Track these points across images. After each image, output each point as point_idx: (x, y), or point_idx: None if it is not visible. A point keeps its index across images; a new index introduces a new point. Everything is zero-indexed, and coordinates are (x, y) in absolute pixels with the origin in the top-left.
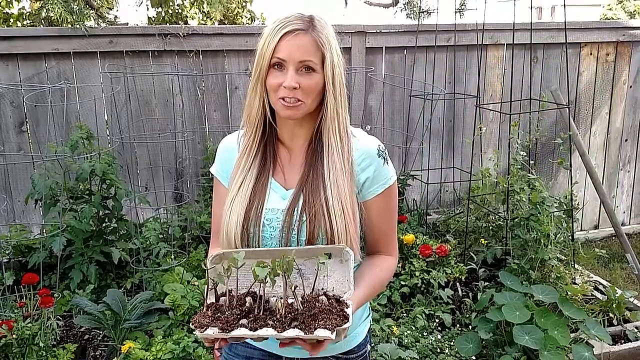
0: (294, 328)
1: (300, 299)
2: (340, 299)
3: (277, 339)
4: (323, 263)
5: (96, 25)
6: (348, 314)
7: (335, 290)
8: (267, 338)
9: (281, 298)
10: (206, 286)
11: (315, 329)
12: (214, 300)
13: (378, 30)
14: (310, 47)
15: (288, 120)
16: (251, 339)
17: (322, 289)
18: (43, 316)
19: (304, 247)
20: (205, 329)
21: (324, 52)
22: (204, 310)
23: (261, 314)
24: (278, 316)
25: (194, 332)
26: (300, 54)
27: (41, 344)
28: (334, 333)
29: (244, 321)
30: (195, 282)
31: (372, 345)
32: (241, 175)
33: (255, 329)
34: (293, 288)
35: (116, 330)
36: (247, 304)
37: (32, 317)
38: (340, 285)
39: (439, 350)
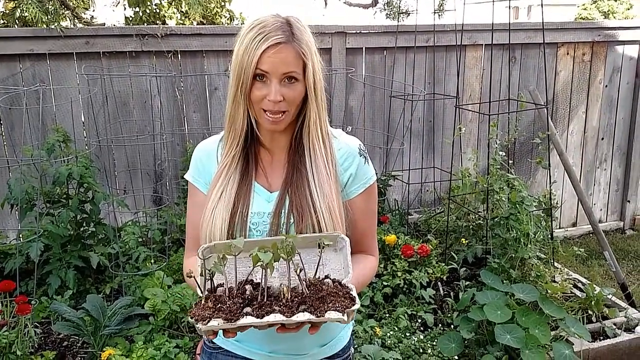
0: (302, 312)
1: (305, 283)
2: (342, 283)
3: (287, 325)
4: (325, 246)
5: (72, 26)
6: (354, 296)
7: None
8: (273, 325)
9: (282, 284)
10: (202, 278)
11: (325, 311)
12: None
13: (358, 31)
14: (292, 58)
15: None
16: (257, 327)
17: (319, 277)
18: (20, 324)
19: (299, 236)
20: (208, 321)
21: (305, 61)
22: (203, 302)
23: (265, 300)
24: (284, 301)
25: (197, 326)
26: (283, 67)
27: (18, 353)
28: (345, 315)
29: (248, 309)
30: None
31: (355, 346)
32: (223, 182)
33: (262, 316)
34: (298, 271)
35: (96, 337)
36: (248, 292)
37: (9, 325)
38: (337, 273)
39: (421, 350)
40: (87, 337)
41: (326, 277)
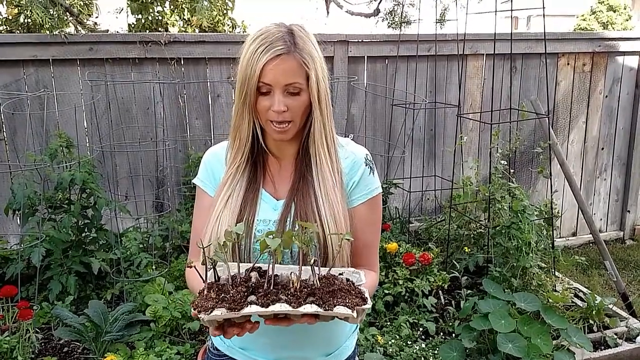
0: (310, 304)
1: (317, 275)
2: (355, 284)
3: (292, 317)
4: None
5: (76, 32)
6: (367, 297)
7: None
8: (279, 316)
9: (292, 272)
10: (204, 267)
11: (335, 306)
12: (213, 281)
13: (360, 40)
14: (294, 69)
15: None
16: (262, 316)
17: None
18: (21, 329)
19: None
20: (211, 311)
21: (308, 71)
22: (205, 292)
23: (272, 288)
24: (292, 290)
25: (199, 316)
26: (285, 77)
27: (20, 358)
28: (354, 312)
29: (252, 297)
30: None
31: (358, 354)
32: (229, 189)
33: (267, 305)
34: (312, 261)
35: (97, 343)
36: (253, 280)
37: (10, 330)
38: None
39: (423, 359)
40: (88, 343)
41: (340, 274)
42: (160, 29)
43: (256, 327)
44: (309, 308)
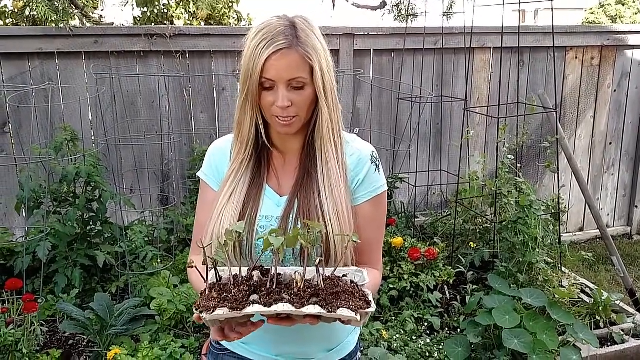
0: (313, 305)
1: (321, 275)
2: (359, 285)
3: (294, 316)
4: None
5: (81, 25)
6: (370, 300)
7: None
8: (282, 316)
9: (296, 272)
10: (205, 267)
11: (338, 308)
12: (215, 281)
13: (366, 33)
14: (297, 63)
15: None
16: (264, 316)
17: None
18: (26, 322)
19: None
20: (214, 311)
21: (311, 64)
22: (207, 292)
23: (275, 287)
24: (295, 290)
25: (201, 316)
26: (288, 73)
27: (24, 351)
28: (358, 315)
29: (254, 297)
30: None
31: (362, 349)
32: (232, 184)
33: (270, 304)
34: (317, 262)
35: (102, 336)
36: (255, 279)
37: (15, 323)
38: None
39: (428, 354)
40: (93, 336)
41: (344, 276)
42: (165, 22)
43: (258, 325)
44: (312, 309)
